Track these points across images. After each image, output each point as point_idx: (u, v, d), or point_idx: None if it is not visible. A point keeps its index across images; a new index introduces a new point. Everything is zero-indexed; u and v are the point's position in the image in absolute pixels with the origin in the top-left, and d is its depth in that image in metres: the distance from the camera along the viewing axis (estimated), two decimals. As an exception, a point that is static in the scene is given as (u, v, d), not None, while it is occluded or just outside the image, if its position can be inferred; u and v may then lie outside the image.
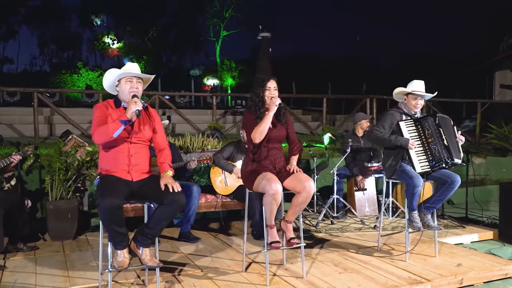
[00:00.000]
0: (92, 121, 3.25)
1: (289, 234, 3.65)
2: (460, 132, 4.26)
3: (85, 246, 4.70)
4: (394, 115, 4.28)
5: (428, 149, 4.08)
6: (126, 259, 3.14)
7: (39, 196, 5.48)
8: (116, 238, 3.09)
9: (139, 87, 3.27)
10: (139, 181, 3.24)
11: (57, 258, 4.25)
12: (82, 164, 4.95)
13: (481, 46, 17.83)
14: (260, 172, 3.55)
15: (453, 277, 3.71)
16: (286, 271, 3.87)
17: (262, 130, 3.56)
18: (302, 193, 3.49)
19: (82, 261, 4.16)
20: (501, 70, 15.75)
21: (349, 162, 6.13)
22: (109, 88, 3.37)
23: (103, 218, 3.02)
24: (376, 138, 4.19)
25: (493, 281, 3.89)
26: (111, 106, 3.28)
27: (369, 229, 5.37)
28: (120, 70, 3.27)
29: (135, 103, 3.10)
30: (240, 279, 3.67)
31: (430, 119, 4.17)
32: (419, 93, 4.19)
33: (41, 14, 30.13)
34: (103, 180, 3.16)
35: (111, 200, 2.92)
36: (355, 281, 3.59)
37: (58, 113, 9.03)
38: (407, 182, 4.02)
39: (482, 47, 17.60)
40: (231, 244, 4.77)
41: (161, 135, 3.40)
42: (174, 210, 3.13)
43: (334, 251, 4.45)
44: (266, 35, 18.48)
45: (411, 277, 3.68)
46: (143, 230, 3.17)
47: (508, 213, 5.08)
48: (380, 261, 4.11)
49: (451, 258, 4.21)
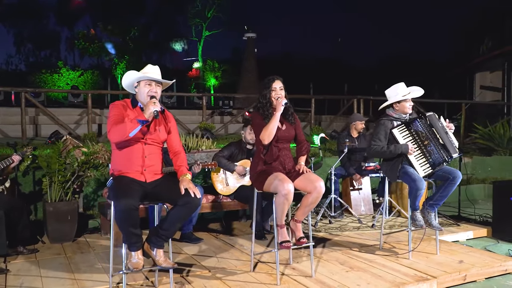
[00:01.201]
0: (107, 119, 3.22)
1: (298, 233, 3.69)
2: (447, 120, 4.31)
3: (86, 248, 4.64)
4: (386, 124, 4.28)
5: (426, 152, 4.14)
6: (141, 260, 3.13)
7: (33, 198, 5.40)
8: (131, 239, 3.07)
9: (158, 90, 3.26)
10: (153, 182, 3.23)
11: (60, 261, 4.19)
12: (81, 165, 4.88)
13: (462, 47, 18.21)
14: (270, 173, 3.57)
15: (457, 274, 3.80)
16: (294, 270, 3.90)
17: (270, 131, 3.59)
18: (313, 193, 3.53)
19: (86, 264, 4.11)
20: (481, 72, 16.11)
21: (345, 162, 6.21)
22: (128, 87, 3.36)
23: (119, 219, 2.99)
24: (376, 152, 4.21)
25: (494, 277, 4.00)
26: (128, 105, 3.26)
27: (368, 228, 5.45)
28: (139, 73, 3.26)
29: (153, 103, 3.08)
30: (249, 279, 3.68)
31: (421, 121, 4.22)
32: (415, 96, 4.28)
33: (18, 12, 29.47)
34: (117, 181, 3.13)
35: (127, 201, 2.91)
36: (363, 279, 3.65)
37: (46, 113, 8.86)
38: (410, 185, 4.08)
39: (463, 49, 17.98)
40: (234, 244, 4.78)
41: (176, 138, 3.39)
42: (189, 211, 3.13)
43: (337, 250, 4.51)
44: (252, 36, 18.52)
45: (417, 274, 3.76)
46: (157, 231, 3.16)
47: (501, 211, 5.23)
48: (384, 259, 4.18)
49: (452, 255, 4.31)
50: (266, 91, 3.72)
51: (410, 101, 4.27)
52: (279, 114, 3.62)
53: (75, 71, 23.59)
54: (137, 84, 3.28)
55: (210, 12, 27.74)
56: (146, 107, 3.11)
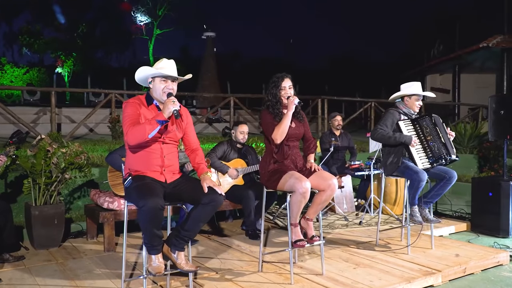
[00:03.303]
0: (122, 119, 3.04)
1: (310, 232, 3.68)
2: (449, 128, 4.53)
3: (76, 253, 4.38)
4: (394, 114, 4.44)
5: (428, 147, 4.29)
6: (162, 264, 2.99)
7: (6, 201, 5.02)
8: (153, 241, 2.93)
9: (174, 87, 3.12)
10: (172, 182, 3.10)
11: (54, 268, 3.93)
12: (67, 166, 4.61)
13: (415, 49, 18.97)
14: (284, 172, 3.54)
15: (458, 267, 3.94)
16: (301, 269, 3.88)
17: (283, 131, 3.57)
18: (327, 191, 3.54)
19: (83, 270, 3.88)
20: (432, 74, 16.89)
21: (328, 160, 6.28)
22: (141, 81, 3.19)
23: (145, 220, 2.82)
24: (382, 136, 4.33)
25: (489, 269, 4.18)
26: (142, 103, 3.10)
27: (355, 225, 5.54)
28: (153, 69, 3.10)
29: (173, 102, 2.93)
30: (260, 280, 3.63)
31: (427, 119, 4.40)
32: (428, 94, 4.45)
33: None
34: (137, 180, 2.96)
35: (155, 200, 2.76)
36: (374, 275, 3.69)
37: (8, 112, 8.32)
38: (412, 177, 4.20)
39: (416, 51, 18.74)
40: (230, 244, 4.69)
41: (193, 135, 3.28)
42: (213, 210, 3.03)
43: (335, 248, 4.54)
44: (211, 35, 18.32)
45: (421, 269, 3.86)
46: (179, 232, 3.03)
47: (480, 206, 5.48)
48: (385, 255, 4.26)
49: (446, 249, 4.46)
50: (276, 90, 3.69)
51: (420, 100, 4.41)
52: (291, 113, 3.59)
53: (19, 68, 22.34)
54: (151, 80, 3.13)
55: (161, 10, 27.28)
56: (165, 105, 2.94)
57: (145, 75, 3.13)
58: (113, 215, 4.44)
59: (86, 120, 9.30)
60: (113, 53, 32.19)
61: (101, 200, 4.52)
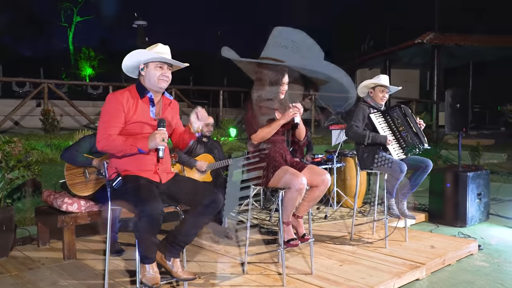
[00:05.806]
0: (100, 116, 2.66)
1: (301, 230, 3.52)
2: (418, 118, 4.58)
3: (31, 263, 3.86)
4: (364, 108, 4.42)
5: (401, 137, 4.33)
6: (157, 273, 2.67)
7: None
8: (148, 250, 2.60)
9: (169, 75, 2.78)
10: (167, 183, 2.78)
11: (9, 281, 3.42)
12: (15, 164, 4.06)
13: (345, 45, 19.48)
14: (276, 167, 3.33)
15: (439, 259, 3.99)
16: (288, 269, 3.70)
17: (264, 137, 3.36)
18: (320, 186, 3.39)
19: (46, 282, 3.41)
20: (362, 69, 17.45)
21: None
22: (129, 70, 2.80)
23: (145, 228, 2.47)
24: (357, 135, 4.27)
25: (462, 259, 4.28)
26: (131, 95, 2.72)
27: (321, 220, 5.47)
28: (150, 53, 2.73)
29: (163, 140, 2.64)
30: (250, 283, 3.40)
31: (397, 109, 4.42)
32: (391, 87, 4.41)
33: None
34: (130, 181, 2.60)
35: (155, 205, 2.44)
36: (362, 272, 3.61)
37: None
38: (392, 168, 4.17)
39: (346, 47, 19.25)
40: (202, 245, 4.40)
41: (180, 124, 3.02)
42: (213, 212, 2.76)
43: (312, 244, 4.41)
44: (142, 23, 17.50)
45: (405, 262, 3.85)
46: (175, 238, 2.72)
47: (437, 197, 5.65)
48: (365, 250, 4.21)
49: (420, 241, 4.52)
50: (275, 87, 3.40)
51: (385, 92, 4.39)
52: (282, 123, 3.37)
53: None
54: (144, 66, 2.77)
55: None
56: (153, 138, 2.63)
57: (138, 60, 2.75)
58: (74, 218, 3.96)
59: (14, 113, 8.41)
60: (24, 41, 30.02)
61: (58, 202, 4.02)
